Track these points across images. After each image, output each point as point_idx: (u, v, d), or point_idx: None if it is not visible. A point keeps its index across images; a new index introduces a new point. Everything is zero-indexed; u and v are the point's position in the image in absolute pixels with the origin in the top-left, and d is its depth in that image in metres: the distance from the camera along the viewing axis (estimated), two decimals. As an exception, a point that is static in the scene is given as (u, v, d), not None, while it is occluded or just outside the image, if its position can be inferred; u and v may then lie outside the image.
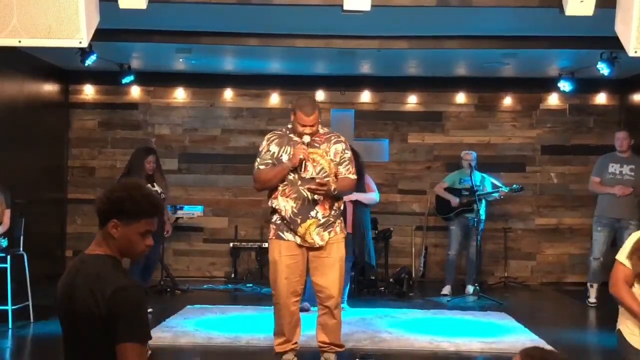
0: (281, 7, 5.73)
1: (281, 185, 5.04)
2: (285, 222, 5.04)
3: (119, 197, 2.60)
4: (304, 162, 4.98)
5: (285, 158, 5.04)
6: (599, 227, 7.91)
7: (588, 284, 8.02)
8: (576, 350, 6.15)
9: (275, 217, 5.12)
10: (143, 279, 7.28)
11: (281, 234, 5.07)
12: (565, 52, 8.08)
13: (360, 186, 6.67)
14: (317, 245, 5.04)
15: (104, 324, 2.47)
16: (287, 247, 5.05)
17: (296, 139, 5.06)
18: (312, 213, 5.00)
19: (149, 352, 2.71)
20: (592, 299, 7.91)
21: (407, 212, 9.81)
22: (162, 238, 7.71)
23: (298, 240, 5.03)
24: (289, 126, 5.16)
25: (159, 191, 7.38)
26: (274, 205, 5.09)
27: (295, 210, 4.99)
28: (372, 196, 7.48)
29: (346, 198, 5.53)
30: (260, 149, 5.17)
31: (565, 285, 9.57)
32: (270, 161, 5.08)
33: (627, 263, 3.79)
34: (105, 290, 2.48)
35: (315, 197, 4.98)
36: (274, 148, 5.10)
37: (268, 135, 5.22)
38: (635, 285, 3.80)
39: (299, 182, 4.99)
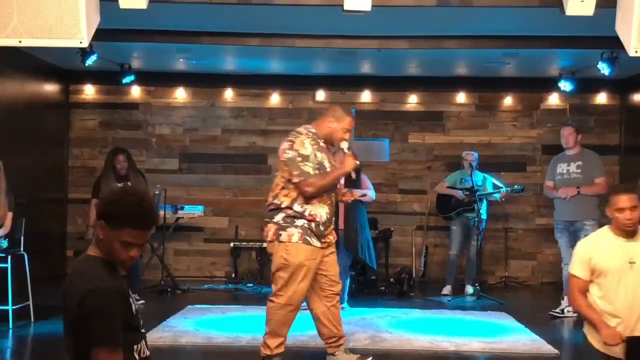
0: (281, 7, 5.74)
1: None
2: (318, 228, 4.94)
3: (110, 200, 2.58)
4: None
5: (326, 165, 4.98)
6: (557, 232, 7.39)
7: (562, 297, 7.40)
8: (576, 350, 6.15)
9: (301, 222, 4.92)
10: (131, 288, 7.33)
11: (309, 238, 4.92)
12: (565, 52, 8.08)
13: (357, 183, 6.69)
14: (331, 243, 5.13)
15: (79, 324, 2.46)
16: (313, 252, 4.96)
17: (323, 144, 5.05)
18: (333, 218, 5.13)
19: (147, 354, 2.68)
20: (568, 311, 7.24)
21: (408, 212, 9.82)
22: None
23: (319, 244, 4.99)
24: (312, 131, 5.04)
25: None
26: (306, 212, 4.92)
27: (328, 216, 5.01)
28: (366, 192, 7.41)
29: (350, 197, 5.53)
30: (305, 153, 4.91)
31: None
32: (318, 167, 4.95)
33: (578, 273, 4.00)
34: (79, 291, 2.47)
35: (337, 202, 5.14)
36: (319, 155, 4.98)
37: (308, 140, 4.96)
38: (590, 289, 4.02)
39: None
